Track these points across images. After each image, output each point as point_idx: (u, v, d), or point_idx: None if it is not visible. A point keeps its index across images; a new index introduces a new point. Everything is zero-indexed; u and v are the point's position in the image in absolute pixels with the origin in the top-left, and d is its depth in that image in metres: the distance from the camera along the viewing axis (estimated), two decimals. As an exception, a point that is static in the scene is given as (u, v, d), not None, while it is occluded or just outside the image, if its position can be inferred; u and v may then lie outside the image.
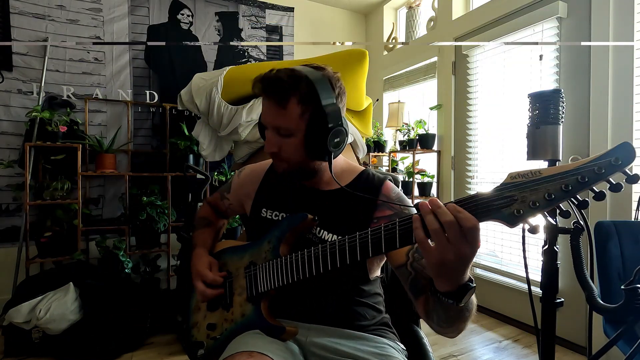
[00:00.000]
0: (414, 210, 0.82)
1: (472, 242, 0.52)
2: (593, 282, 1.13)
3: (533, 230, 0.51)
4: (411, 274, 0.71)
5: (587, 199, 0.52)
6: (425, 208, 0.54)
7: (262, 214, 0.88)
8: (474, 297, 0.61)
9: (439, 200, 0.54)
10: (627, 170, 0.48)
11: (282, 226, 0.78)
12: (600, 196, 0.49)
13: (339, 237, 0.68)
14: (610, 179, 0.48)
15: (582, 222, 0.98)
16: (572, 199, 0.50)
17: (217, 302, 0.86)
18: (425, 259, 0.56)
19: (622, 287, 0.92)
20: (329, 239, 0.80)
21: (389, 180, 0.87)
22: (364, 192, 0.80)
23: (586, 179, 0.48)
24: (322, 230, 0.81)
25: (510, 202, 0.51)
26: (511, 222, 0.51)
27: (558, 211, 0.52)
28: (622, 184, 0.48)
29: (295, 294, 0.81)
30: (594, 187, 0.49)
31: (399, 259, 0.73)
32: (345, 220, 0.81)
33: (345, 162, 0.91)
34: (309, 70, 0.76)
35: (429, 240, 0.54)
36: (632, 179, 0.48)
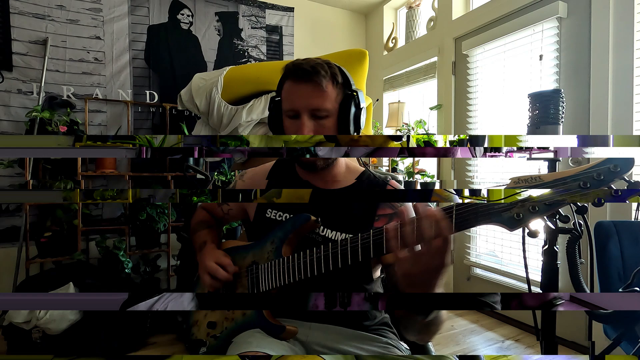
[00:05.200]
0: (412, 211, 0.83)
1: (440, 254, 0.53)
2: (593, 282, 1.13)
3: (532, 234, 0.53)
4: (394, 276, 0.74)
5: (586, 205, 0.52)
6: (402, 217, 0.56)
7: (267, 214, 0.89)
8: (444, 314, 0.64)
9: (411, 210, 0.57)
10: (626, 177, 0.48)
11: (285, 227, 0.79)
12: (598, 202, 0.50)
13: (342, 239, 0.69)
14: (612, 185, 0.49)
15: (582, 223, 0.98)
16: (571, 204, 0.51)
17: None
18: (397, 269, 0.58)
19: (620, 290, 0.92)
20: (332, 237, 0.81)
21: (391, 180, 0.90)
22: (366, 191, 0.85)
23: (587, 185, 0.49)
24: (325, 229, 0.82)
25: (511, 206, 0.52)
26: (511, 225, 0.52)
27: (557, 216, 0.53)
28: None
29: (296, 293, 0.81)
30: None
31: (388, 258, 0.75)
32: (348, 218, 0.82)
33: (348, 161, 0.92)
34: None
35: (403, 250, 0.56)
36: (633, 186, 0.49)
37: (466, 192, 0.52)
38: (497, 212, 0.52)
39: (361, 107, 0.82)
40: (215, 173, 2.79)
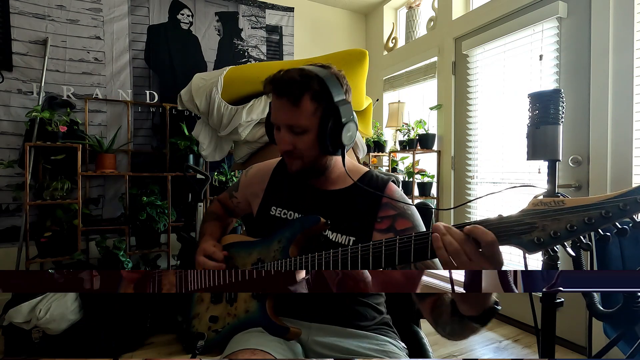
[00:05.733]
0: (416, 212, 0.83)
1: (491, 259, 0.52)
2: (593, 282, 1.13)
3: (552, 258, 0.51)
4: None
5: (609, 234, 0.51)
6: (440, 229, 0.54)
7: (271, 212, 0.89)
8: None
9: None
10: None
11: (294, 227, 0.79)
12: (622, 232, 0.49)
13: (352, 245, 0.68)
14: (634, 216, 0.48)
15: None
16: (593, 232, 0.50)
17: (221, 294, 0.86)
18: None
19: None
20: (334, 239, 0.81)
21: (393, 181, 0.88)
22: (368, 191, 0.83)
23: (610, 214, 0.47)
24: (326, 230, 0.82)
25: (531, 229, 0.51)
26: (530, 249, 0.51)
27: (578, 243, 0.51)
28: None
29: (297, 293, 0.81)
30: (616, 223, 0.48)
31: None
32: (350, 219, 0.82)
33: (350, 162, 0.92)
34: (318, 69, 0.78)
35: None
36: None
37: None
38: (516, 233, 0.52)
39: (343, 121, 0.76)
40: (215, 173, 2.79)
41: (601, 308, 0.97)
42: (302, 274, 0.72)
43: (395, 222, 0.61)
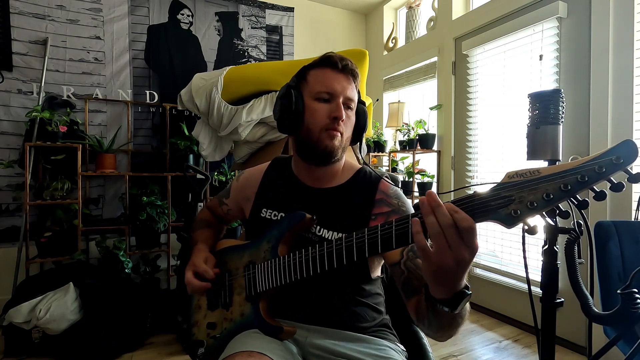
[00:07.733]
0: (411, 208, 0.83)
1: (470, 245, 0.50)
2: (593, 282, 1.13)
3: (531, 231, 0.50)
4: (404, 273, 0.72)
5: (587, 199, 0.50)
6: (425, 208, 0.51)
7: (262, 214, 0.89)
8: (467, 304, 0.59)
9: (437, 196, 0.52)
10: (628, 168, 0.45)
11: (281, 226, 0.79)
12: (600, 196, 0.48)
13: (337, 237, 0.68)
14: (612, 177, 0.46)
15: (582, 222, 0.98)
16: (571, 198, 0.49)
17: (217, 301, 0.86)
18: (424, 266, 0.54)
19: (619, 291, 0.92)
20: (329, 237, 0.80)
21: (386, 177, 0.88)
22: (361, 188, 0.84)
23: (586, 179, 0.45)
24: (321, 229, 0.82)
25: (508, 202, 0.49)
26: (508, 222, 0.49)
27: (557, 211, 0.51)
28: (624, 183, 0.46)
29: (295, 294, 0.81)
30: (594, 187, 0.47)
31: (393, 257, 0.74)
32: (343, 217, 0.82)
33: (347, 159, 0.92)
34: None
35: (429, 246, 0.52)
36: (635, 178, 0.46)
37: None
38: (493, 209, 0.50)
39: (366, 119, 0.90)
40: (215, 173, 2.79)
41: (595, 310, 0.96)
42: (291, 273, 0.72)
43: (389, 219, 0.60)
